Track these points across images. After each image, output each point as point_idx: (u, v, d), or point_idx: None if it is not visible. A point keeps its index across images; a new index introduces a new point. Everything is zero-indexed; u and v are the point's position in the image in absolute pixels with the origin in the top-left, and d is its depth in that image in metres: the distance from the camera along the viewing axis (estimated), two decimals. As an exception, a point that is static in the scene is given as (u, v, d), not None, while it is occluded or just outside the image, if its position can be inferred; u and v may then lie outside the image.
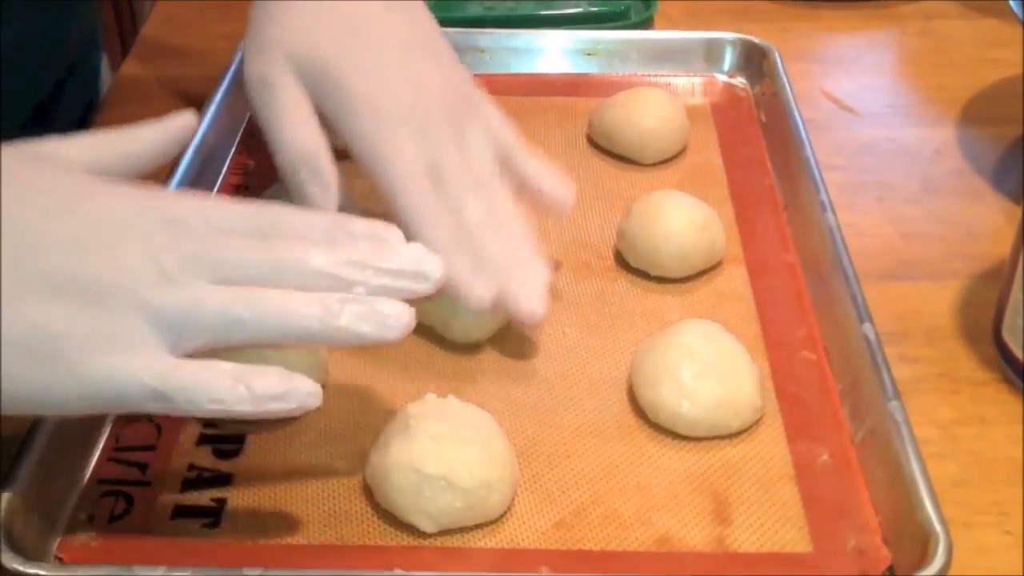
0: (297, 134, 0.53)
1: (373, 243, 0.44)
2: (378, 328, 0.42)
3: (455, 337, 0.56)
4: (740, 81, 0.79)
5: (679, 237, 0.60)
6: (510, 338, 0.57)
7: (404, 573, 0.44)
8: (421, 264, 0.44)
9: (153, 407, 0.41)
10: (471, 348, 0.57)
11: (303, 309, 0.41)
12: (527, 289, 0.53)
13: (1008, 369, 0.55)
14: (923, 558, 0.43)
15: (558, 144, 0.73)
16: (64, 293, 0.39)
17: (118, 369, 0.40)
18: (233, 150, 0.72)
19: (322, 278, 0.42)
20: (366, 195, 0.55)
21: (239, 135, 0.73)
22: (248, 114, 0.73)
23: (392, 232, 0.45)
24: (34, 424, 0.49)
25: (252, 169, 0.70)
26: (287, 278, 0.42)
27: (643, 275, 0.61)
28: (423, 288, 0.43)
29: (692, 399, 0.51)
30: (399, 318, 0.42)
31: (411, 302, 0.47)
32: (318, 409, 0.53)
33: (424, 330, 0.57)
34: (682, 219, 0.60)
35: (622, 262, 0.62)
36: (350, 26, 0.56)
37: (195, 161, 0.67)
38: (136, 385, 0.40)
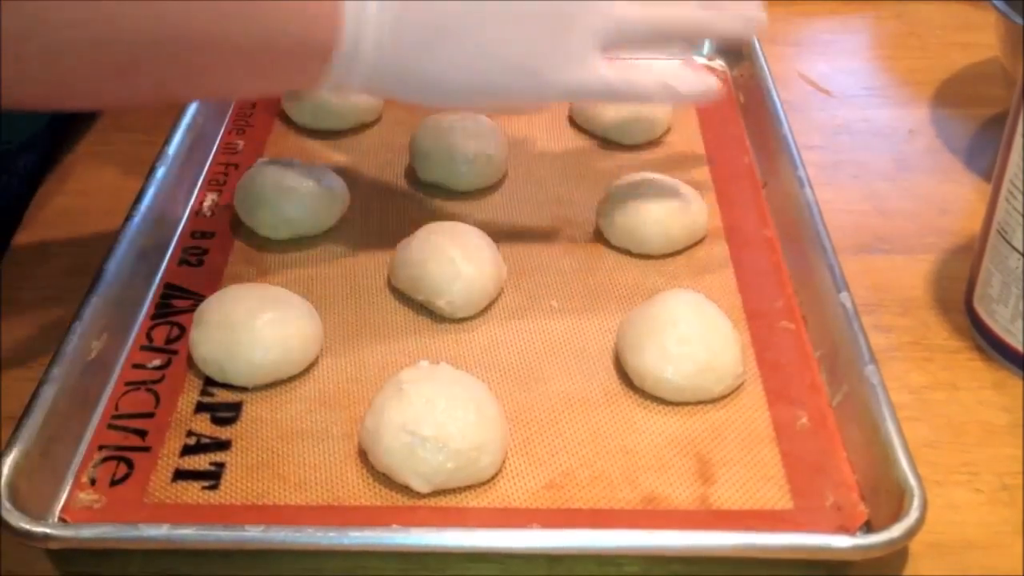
0: None
1: None
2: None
3: (445, 312, 0.57)
4: (719, 64, 0.80)
5: (662, 219, 0.62)
6: (499, 312, 0.59)
7: (400, 528, 0.45)
8: None
9: (604, 96, 0.60)
10: (462, 322, 0.58)
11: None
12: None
13: (979, 337, 0.57)
14: (898, 512, 0.45)
15: (541, 125, 0.74)
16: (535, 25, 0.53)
17: (582, 74, 0.55)
18: (222, 130, 0.73)
19: None
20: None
21: (228, 116, 0.74)
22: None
23: None
24: (33, 394, 0.50)
25: (241, 149, 0.71)
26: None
27: (626, 251, 0.63)
28: None
29: (676, 365, 0.52)
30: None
31: (405, 277, 0.48)
32: (312, 378, 0.54)
33: (416, 305, 0.59)
34: (662, 206, 0.62)
35: (604, 239, 0.64)
36: None
37: (185, 141, 0.68)
38: (598, 82, 0.55)
